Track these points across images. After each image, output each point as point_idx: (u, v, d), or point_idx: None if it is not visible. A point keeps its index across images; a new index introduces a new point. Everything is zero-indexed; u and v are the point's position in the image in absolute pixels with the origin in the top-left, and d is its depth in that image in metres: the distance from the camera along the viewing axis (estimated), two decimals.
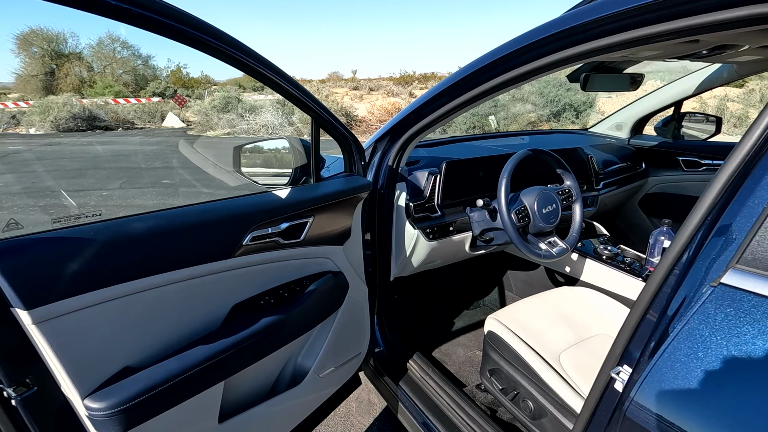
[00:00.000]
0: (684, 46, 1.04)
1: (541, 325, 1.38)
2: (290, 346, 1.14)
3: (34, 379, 0.72)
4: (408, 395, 1.52)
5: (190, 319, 0.91)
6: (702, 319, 0.60)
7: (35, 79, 21.18)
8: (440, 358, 1.95)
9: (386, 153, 1.43)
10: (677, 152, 2.30)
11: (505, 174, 1.45)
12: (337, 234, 1.24)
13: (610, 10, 0.79)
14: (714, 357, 0.58)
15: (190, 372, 0.85)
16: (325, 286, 1.20)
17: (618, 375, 0.75)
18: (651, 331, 0.69)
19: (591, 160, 2.08)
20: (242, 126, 11.91)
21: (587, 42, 0.87)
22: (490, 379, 1.43)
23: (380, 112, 12.84)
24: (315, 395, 1.32)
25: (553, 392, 1.19)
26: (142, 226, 0.81)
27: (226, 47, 0.81)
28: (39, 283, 0.67)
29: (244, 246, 0.97)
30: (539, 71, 0.98)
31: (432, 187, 1.57)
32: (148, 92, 19.91)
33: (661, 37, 0.75)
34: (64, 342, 0.71)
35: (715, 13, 0.65)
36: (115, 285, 0.76)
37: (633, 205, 2.52)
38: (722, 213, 0.63)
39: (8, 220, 0.72)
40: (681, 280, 0.66)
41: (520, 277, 2.31)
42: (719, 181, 0.62)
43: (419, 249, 1.55)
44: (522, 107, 11.09)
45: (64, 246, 0.70)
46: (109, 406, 0.74)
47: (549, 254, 1.51)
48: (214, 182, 6.20)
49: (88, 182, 6.13)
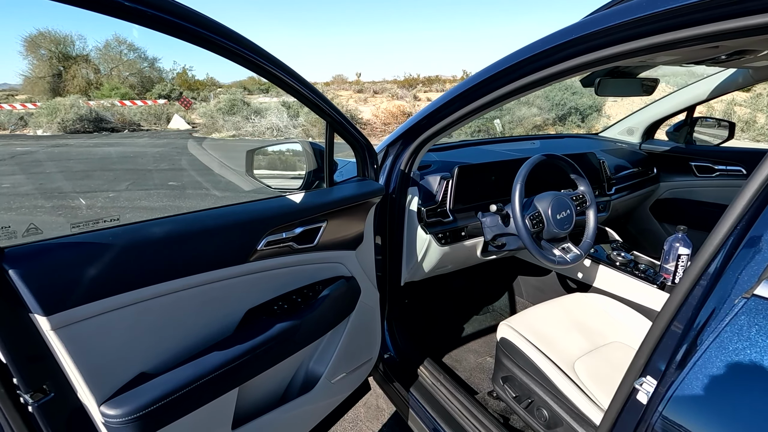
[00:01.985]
0: (703, 51, 1.03)
1: (555, 332, 1.37)
2: (302, 351, 1.13)
3: (51, 385, 0.71)
4: (419, 401, 1.50)
5: (205, 324, 0.91)
6: (735, 331, 0.59)
7: (43, 80, 21.35)
8: (451, 364, 1.94)
9: (398, 157, 1.42)
10: (689, 157, 2.28)
11: (519, 179, 1.44)
12: (350, 239, 1.24)
13: (632, 15, 0.78)
14: (749, 371, 0.57)
15: (205, 378, 0.84)
16: (338, 291, 1.19)
17: (641, 386, 0.73)
18: (677, 342, 0.68)
19: (603, 165, 2.07)
20: (248, 128, 11.96)
21: (607, 47, 0.86)
22: (503, 387, 1.42)
23: (385, 115, 12.85)
24: (327, 401, 1.31)
25: (568, 401, 1.17)
26: (160, 230, 0.80)
27: (244, 50, 0.81)
28: (58, 288, 0.66)
29: (258, 251, 0.96)
30: (557, 76, 0.97)
31: (444, 191, 1.56)
32: (154, 94, 20.01)
33: (684, 43, 0.74)
34: (81, 348, 0.70)
35: (740, 19, 0.64)
36: (132, 290, 0.75)
37: (645, 210, 2.50)
38: (753, 222, 0.62)
39: (28, 225, 0.72)
40: (709, 291, 0.64)
41: (531, 282, 2.29)
42: (750, 190, 0.61)
43: (431, 254, 1.54)
44: (527, 111, 11.07)
45: (82, 251, 0.70)
46: (125, 413, 0.74)
47: (563, 260, 1.49)
48: (221, 184, 6.22)
49: (95, 183, 6.16)
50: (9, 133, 12.61)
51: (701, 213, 2.25)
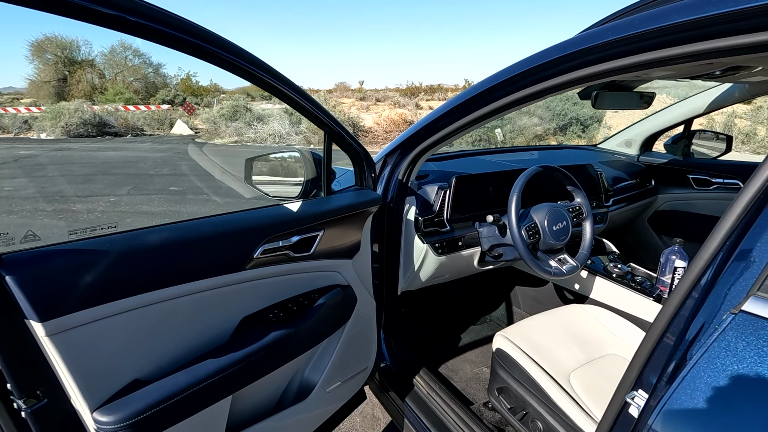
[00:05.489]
0: (698, 67, 1.04)
1: (551, 344, 1.36)
2: (297, 359, 1.14)
3: (45, 391, 0.72)
4: (414, 411, 1.50)
5: (200, 331, 0.91)
6: (723, 347, 0.59)
7: (48, 85, 21.55)
8: (447, 374, 1.93)
9: (396, 166, 1.43)
10: (687, 170, 2.29)
11: (515, 190, 1.45)
12: (347, 248, 1.24)
13: (626, 32, 0.79)
14: (736, 386, 0.57)
15: (199, 386, 0.85)
16: (334, 299, 1.19)
17: (633, 400, 0.73)
18: (668, 356, 0.68)
19: (601, 176, 2.07)
20: (250, 134, 12.02)
21: (602, 62, 0.87)
22: (498, 398, 1.41)
23: (387, 123, 12.92)
24: (321, 410, 1.30)
25: (563, 413, 1.17)
26: (156, 238, 0.81)
27: (243, 63, 0.82)
28: (54, 295, 0.67)
29: (255, 259, 0.97)
30: (553, 90, 0.99)
31: (441, 201, 1.57)
32: (157, 99, 20.17)
33: (677, 60, 0.75)
34: (76, 354, 0.71)
35: (732, 38, 0.65)
36: (128, 297, 0.76)
37: (642, 222, 2.51)
38: (743, 237, 0.62)
39: (26, 232, 0.73)
40: (700, 305, 0.65)
41: (528, 293, 2.29)
42: (740, 203, 0.61)
43: (428, 263, 1.54)
44: (528, 121, 11.12)
45: (79, 258, 0.71)
46: (117, 420, 0.74)
47: (559, 272, 1.50)
48: (221, 190, 6.24)
49: (96, 188, 6.19)
50: (13, 136, 12.68)
51: (698, 225, 2.25)
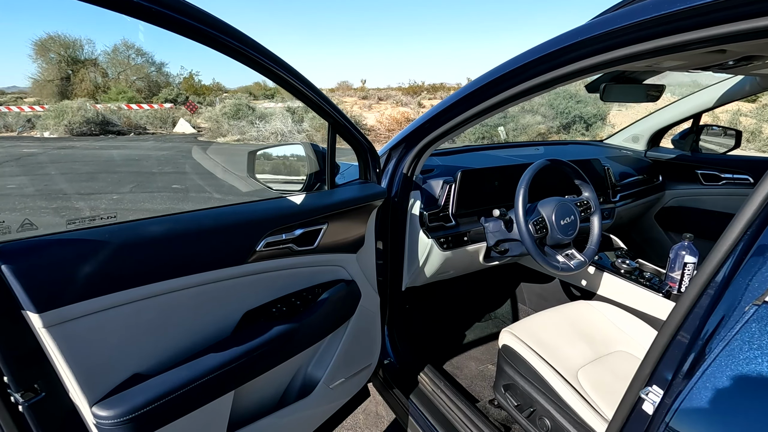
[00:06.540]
0: (710, 56, 1.02)
1: (558, 340, 1.34)
2: (300, 355, 1.12)
3: (43, 384, 0.70)
4: (418, 409, 1.48)
5: (202, 325, 0.89)
6: (746, 339, 0.57)
7: (51, 84, 21.60)
8: (451, 371, 1.91)
9: (401, 161, 1.41)
10: (695, 165, 2.26)
11: (522, 184, 1.42)
12: (350, 242, 1.22)
13: (639, 17, 0.77)
14: (760, 381, 0.55)
15: (200, 381, 0.83)
16: (338, 294, 1.17)
17: (647, 396, 0.71)
18: (685, 351, 0.66)
19: (608, 171, 2.05)
20: (252, 133, 12.01)
21: (613, 50, 0.84)
22: (505, 395, 1.39)
23: (389, 122, 12.88)
24: (325, 407, 1.28)
25: (571, 410, 1.14)
26: (157, 229, 0.79)
27: (247, 49, 0.80)
28: (51, 285, 0.65)
29: (257, 252, 0.95)
30: (565, 78, 0.96)
31: (447, 196, 1.55)
32: (160, 98, 20.19)
33: (691, 46, 0.73)
34: (74, 347, 0.69)
35: (748, 21, 0.63)
36: (127, 289, 0.74)
37: (649, 218, 2.48)
38: (762, 230, 0.60)
39: (23, 221, 0.71)
40: (718, 299, 0.63)
41: (533, 289, 2.26)
42: (758, 197, 0.60)
43: (432, 259, 1.52)
44: (531, 118, 11.06)
45: (78, 248, 0.69)
46: (117, 415, 0.72)
47: (567, 267, 1.47)
48: (223, 188, 6.23)
49: (99, 185, 6.19)
50: (17, 135, 12.72)
51: (707, 221, 2.22)
